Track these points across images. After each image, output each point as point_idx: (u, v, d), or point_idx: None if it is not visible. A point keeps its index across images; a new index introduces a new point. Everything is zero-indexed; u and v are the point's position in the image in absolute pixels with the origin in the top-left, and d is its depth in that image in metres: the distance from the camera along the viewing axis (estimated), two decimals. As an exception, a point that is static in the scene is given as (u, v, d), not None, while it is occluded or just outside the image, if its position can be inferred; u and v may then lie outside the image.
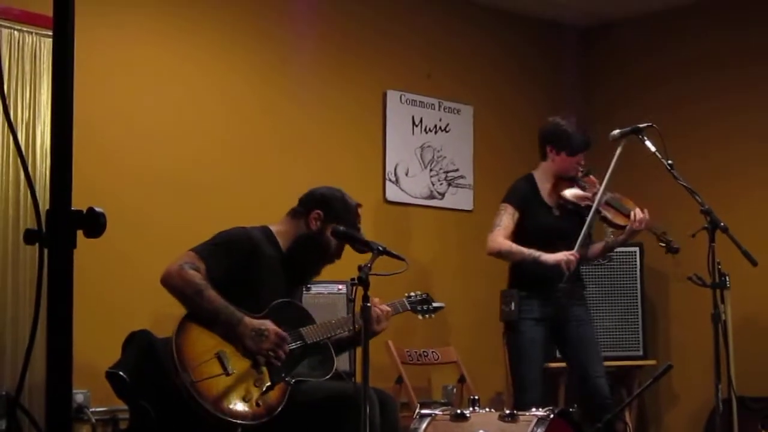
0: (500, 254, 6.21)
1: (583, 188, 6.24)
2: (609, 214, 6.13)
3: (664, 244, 5.92)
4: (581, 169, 6.29)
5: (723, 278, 5.28)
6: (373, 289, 4.64)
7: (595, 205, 6.03)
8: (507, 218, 6.24)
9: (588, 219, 6.01)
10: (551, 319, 6.19)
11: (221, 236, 4.97)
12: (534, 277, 6.12)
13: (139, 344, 4.74)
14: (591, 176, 6.29)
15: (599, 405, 6.04)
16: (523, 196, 6.30)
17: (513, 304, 6.06)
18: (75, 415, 5.84)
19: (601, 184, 6.11)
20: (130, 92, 6.42)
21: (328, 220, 5.07)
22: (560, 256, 5.97)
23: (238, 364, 4.69)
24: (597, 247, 6.34)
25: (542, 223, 6.22)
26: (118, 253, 6.05)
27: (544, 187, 6.32)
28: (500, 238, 6.18)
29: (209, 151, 6.72)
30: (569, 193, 6.23)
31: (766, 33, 7.91)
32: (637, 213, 5.98)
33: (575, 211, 6.16)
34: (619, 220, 6.13)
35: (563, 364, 6.86)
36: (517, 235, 6.23)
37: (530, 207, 6.26)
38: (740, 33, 8.05)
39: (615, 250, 6.54)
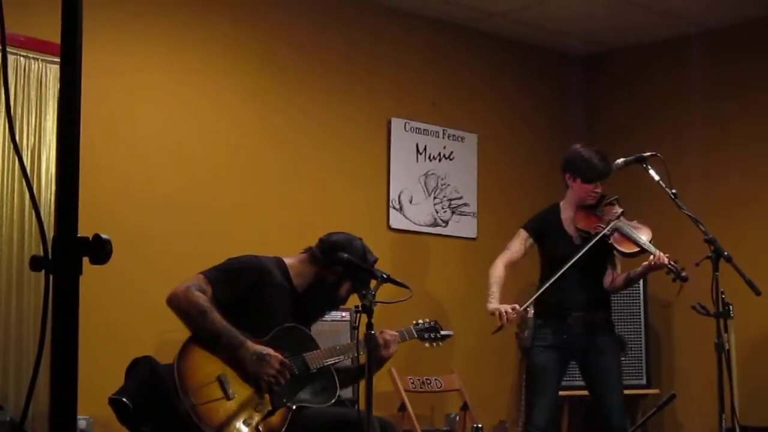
0: (491, 274, 6.30)
1: (600, 217, 6.22)
2: (615, 242, 6.11)
3: (672, 273, 5.84)
4: (609, 198, 6.26)
5: (727, 307, 5.28)
6: (379, 318, 4.64)
7: (602, 232, 6.03)
8: (517, 243, 6.32)
9: (587, 245, 6.01)
10: (567, 348, 6.19)
11: (232, 262, 4.98)
12: (548, 305, 6.14)
13: (142, 370, 4.73)
14: (616, 205, 6.25)
15: None
16: (541, 223, 6.34)
17: (527, 331, 6.08)
18: (78, 441, 5.83)
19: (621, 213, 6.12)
20: (134, 118, 6.44)
21: (343, 275, 5.06)
22: (496, 306, 6.07)
23: (240, 389, 4.68)
24: (620, 278, 6.31)
25: (561, 252, 6.20)
26: (121, 279, 6.05)
27: (567, 215, 6.32)
28: (500, 263, 6.27)
29: (214, 177, 6.73)
30: (584, 221, 6.22)
31: (765, 62, 7.93)
32: (661, 257, 5.88)
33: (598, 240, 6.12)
34: (624, 248, 6.11)
35: (567, 393, 6.86)
36: (543, 264, 6.33)
37: (549, 235, 6.28)
38: (741, 64, 8.06)
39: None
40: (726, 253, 5.32)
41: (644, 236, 6.08)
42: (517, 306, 5.97)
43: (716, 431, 5.31)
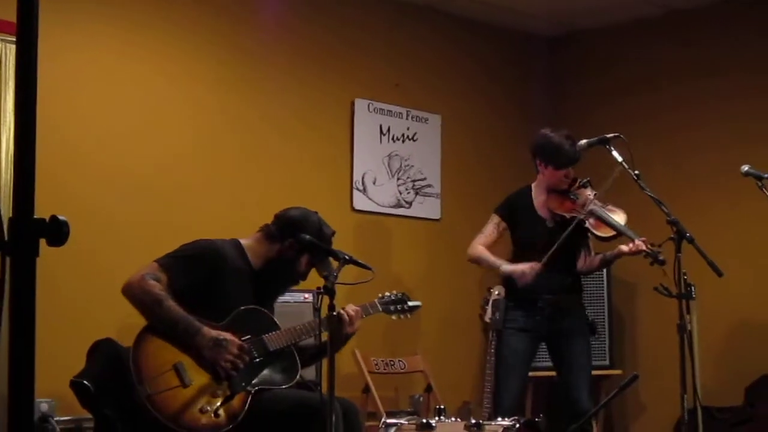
0: (475, 260, 6.37)
1: (573, 200, 6.26)
2: (591, 226, 6.15)
3: (651, 256, 5.85)
4: (581, 180, 6.30)
5: (689, 289, 5.29)
6: (342, 299, 4.65)
7: (579, 216, 6.05)
8: (491, 227, 6.35)
9: (568, 230, 6.03)
10: (537, 330, 6.22)
11: (186, 248, 4.96)
12: (520, 288, 6.16)
13: (103, 353, 4.72)
14: (587, 189, 6.28)
15: (576, 416, 6.07)
16: (512, 206, 6.36)
17: (498, 313, 6.08)
18: (40, 425, 5.80)
19: (594, 196, 6.15)
20: (99, 100, 6.39)
21: (302, 250, 5.04)
22: (518, 267, 6.07)
23: (197, 376, 4.67)
24: (595, 259, 6.37)
25: (533, 234, 6.24)
26: (82, 262, 6.02)
27: (538, 199, 6.35)
28: (479, 245, 6.27)
29: (176, 159, 6.69)
30: (558, 204, 6.25)
31: (732, 47, 7.95)
32: (640, 246, 5.92)
33: (568, 224, 6.15)
34: (601, 232, 6.16)
35: (532, 374, 6.88)
36: (513, 246, 6.37)
37: (521, 218, 6.30)
38: (705, 45, 8.09)
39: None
40: (688, 235, 5.33)
41: (620, 219, 6.13)
42: (536, 264, 6.02)
43: (678, 412, 5.33)
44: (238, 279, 4.97)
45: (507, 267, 6.15)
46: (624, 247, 6.04)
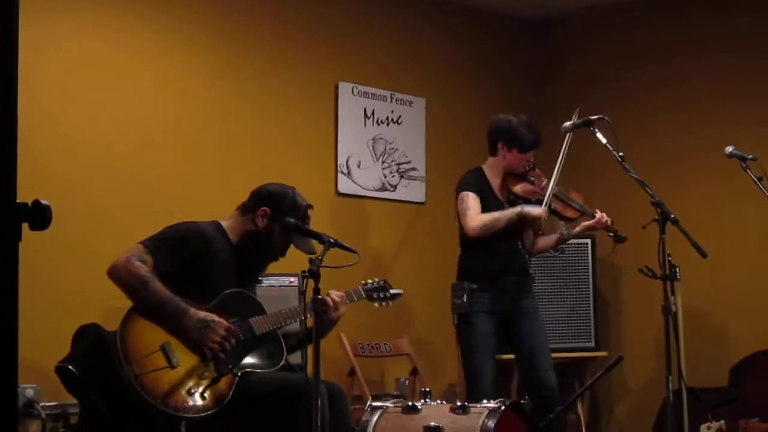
0: (485, 227, 6.20)
1: (532, 182, 6.34)
2: (559, 207, 6.25)
3: (612, 234, 6.09)
4: (531, 163, 6.36)
5: (673, 270, 5.30)
6: (329, 283, 4.64)
7: (546, 199, 6.10)
8: (473, 202, 6.29)
9: (544, 206, 6.10)
10: (502, 312, 6.25)
11: (171, 230, 4.95)
12: (485, 270, 6.18)
13: (89, 338, 4.70)
14: (537, 170, 6.38)
15: (544, 397, 6.11)
16: (478, 186, 6.34)
17: (465, 296, 6.07)
18: (25, 410, 5.79)
19: (549, 177, 6.20)
20: (83, 85, 6.37)
21: (275, 218, 5.04)
22: (535, 207, 6.16)
23: (184, 357, 4.66)
24: (551, 238, 6.42)
25: None
26: (67, 246, 6.01)
27: (494, 181, 6.39)
28: (476, 216, 6.22)
29: (160, 143, 6.68)
30: (519, 187, 6.32)
31: (715, 26, 7.96)
32: (604, 216, 6.11)
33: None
34: (569, 213, 6.31)
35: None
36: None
37: (484, 199, 6.30)
38: (690, 26, 8.09)
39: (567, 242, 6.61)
40: (673, 216, 5.34)
41: (579, 200, 6.26)
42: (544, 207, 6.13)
43: (663, 393, 5.34)
44: (221, 261, 4.97)
45: (530, 208, 6.17)
46: (592, 223, 6.16)
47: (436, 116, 8.21)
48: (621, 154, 5.61)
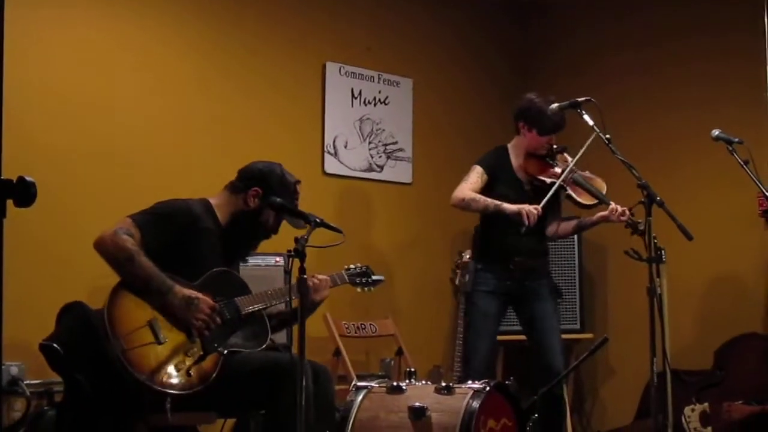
0: (463, 202, 6.22)
1: (552, 166, 6.29)
2: (573, 192, 6.19)
3: (629, 226, 5.80)
4: (555, 147, 6.33)
5: (659, 252, 5.31)
6: (314, 262, 4.63)
7: (558, 182, 6.07)
8: (474, 176, 6.30)
9: (549, 194, 6.03)
10: (508, 294, 6.25)
11: (160, 206, 4.95)
12: (491, 250, 6.19)
13: (73, 316, 4.69)
14: (565, 154, 6.33)
15: (547, 380, 6.09)
16: (494, 162, 6.35)
17: (468, 275, 6.09)
18: (9, 388, 5.78)
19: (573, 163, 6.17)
20: (68, 62, 6.33)
21: (266, 197, 5.05)
22: (522, 206, 6.03)
23: (171, 334, 4.66)
24: (570, 224, 6.40)
25: (510, 194, 6.25)
26: (52, 224, 5.99)
27: (516, 161, 6.40)
28: (465, 187, 6.21)
29: (146, 122, 6.65)
30: (537, 169, 6.28)
31: (699, 9, 7.95)
32: (618, 208, 5.99)
33: (546, 189, 6.15)
34: (583, 199, 6.21)
35: (504, 338, 6.91)
36: None
37: (500, 178, 6.30)
38: (677, 7, 8.08)
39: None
40: (659, 198, 5.35)
41: (600, 187, 6.20)
42: (539, 207, 6.00)
43: (647, 375, 5.35)
44: (209, 239, 4.98)
45: (508, 206, 6.10)
46: (605, 213, 6.07)
47: (423, 97, 8.21)
48: (608, 136, 5.62)
